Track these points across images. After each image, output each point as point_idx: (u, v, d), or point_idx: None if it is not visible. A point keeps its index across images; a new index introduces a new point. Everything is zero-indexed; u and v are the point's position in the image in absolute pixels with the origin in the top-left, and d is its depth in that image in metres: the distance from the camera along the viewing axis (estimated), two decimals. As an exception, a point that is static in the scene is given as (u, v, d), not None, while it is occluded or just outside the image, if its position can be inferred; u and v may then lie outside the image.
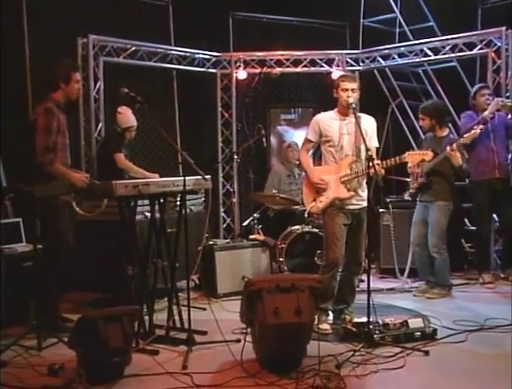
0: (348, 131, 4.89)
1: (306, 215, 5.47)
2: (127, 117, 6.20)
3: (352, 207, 4.88)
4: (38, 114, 4.88)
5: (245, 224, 7.29)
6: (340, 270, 5.02)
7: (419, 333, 4.53)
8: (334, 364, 3.99)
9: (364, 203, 4.76)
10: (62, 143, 4.95)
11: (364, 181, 4.77)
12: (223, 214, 8.46)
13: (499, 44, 7.04)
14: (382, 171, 4.80)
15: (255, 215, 6.90)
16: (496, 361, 4.16)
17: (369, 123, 5.00)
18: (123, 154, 6.16)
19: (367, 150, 4.46)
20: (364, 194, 4.83)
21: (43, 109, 4.87)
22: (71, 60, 5.27)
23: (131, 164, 6.18)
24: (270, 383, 3.78)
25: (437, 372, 3.97)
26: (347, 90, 4.84)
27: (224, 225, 8.46)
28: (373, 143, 5.00)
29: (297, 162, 6.87)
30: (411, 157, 4.85)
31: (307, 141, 5.09)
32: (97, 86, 7.01)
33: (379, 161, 4.76)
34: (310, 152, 5.28)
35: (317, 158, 5.45)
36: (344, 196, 4.84)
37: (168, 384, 3.82)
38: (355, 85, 4.88)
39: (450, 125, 7.46)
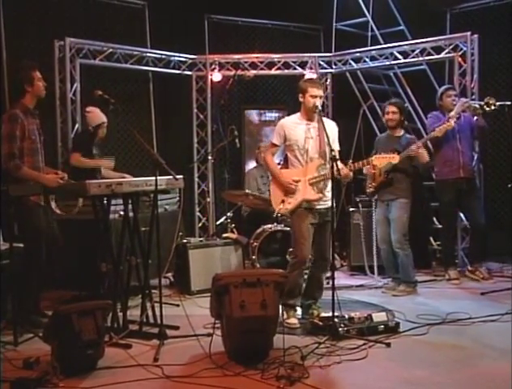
0: (313, 135, 5.03)
1: (274, 216, 5.65)
2: (97, 114, 6.30)
3: (318, 206, 5.02)
4: (2, 122, 4.88)
5: (218, 223, 7.41)
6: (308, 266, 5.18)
7: (382, 326, 4.68)
8: (299, 355, 4.14)
9: (330, 203, 4.88)
10: (30, 149, 4.93)
11: (330, 181, 4.90)
12: (198, 213, 8.57)
13: (465, 48, 7.24)
14: (351, 174, 5.01)
15: (229, 214, 7.02)
16: (453, 351, 4.34)
17: (331, 128, 5.13)
18: (80, 154, 6.22)
19: (331, 150, 4.63)
20: (329, 194, 4.95)
21: (7, 117, 4.88)
22: (28, 60, 5.24)
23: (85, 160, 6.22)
24: (237, 374, 3.91)
25: (397, 362, 4.14)
26: (315, 97, 4.98)
27: (200, 224, 8.57)
28: (335, 146, 5.10)
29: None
30: (379, 160, 4.98)
31: (272, 145, 5.22)
32: (74, 87, 7.10)
33: (350, 164, 4.97)
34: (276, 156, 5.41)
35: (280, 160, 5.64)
36: (313, 198, 4.98)
37: (139, 375, 3.93)
38: (322, 92, 5.05)
39: (420, 125, 7.73)
